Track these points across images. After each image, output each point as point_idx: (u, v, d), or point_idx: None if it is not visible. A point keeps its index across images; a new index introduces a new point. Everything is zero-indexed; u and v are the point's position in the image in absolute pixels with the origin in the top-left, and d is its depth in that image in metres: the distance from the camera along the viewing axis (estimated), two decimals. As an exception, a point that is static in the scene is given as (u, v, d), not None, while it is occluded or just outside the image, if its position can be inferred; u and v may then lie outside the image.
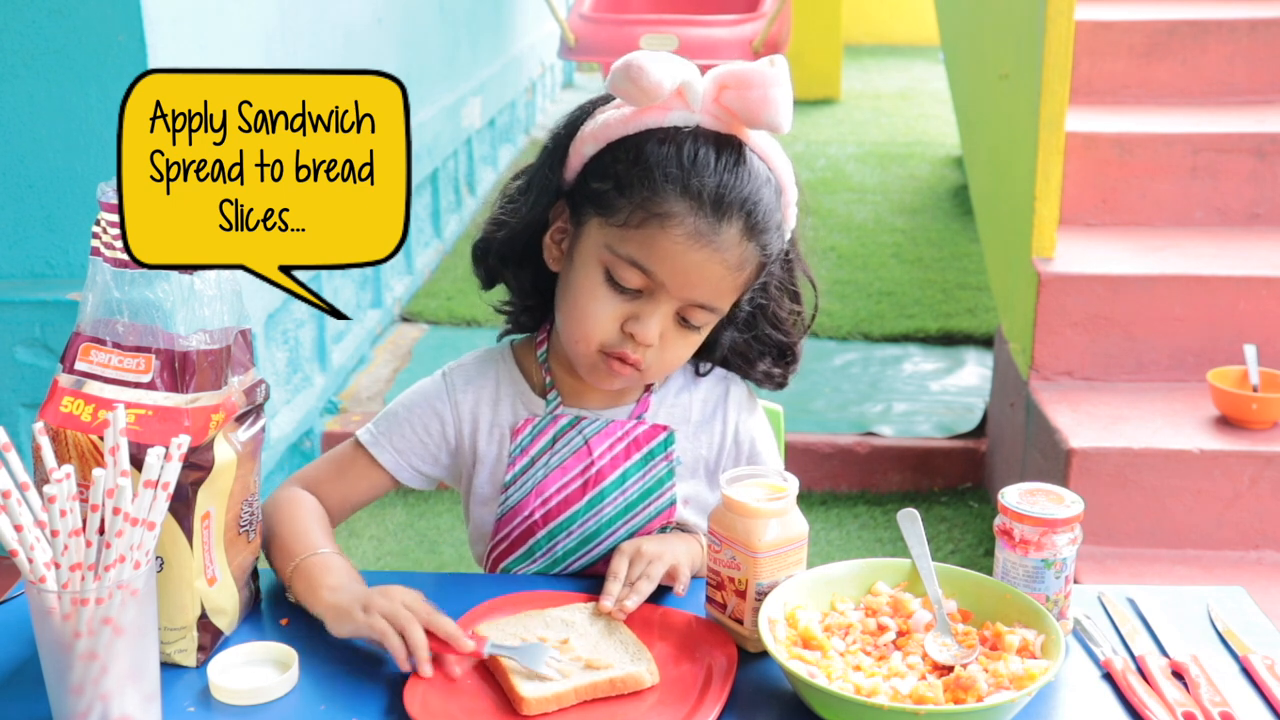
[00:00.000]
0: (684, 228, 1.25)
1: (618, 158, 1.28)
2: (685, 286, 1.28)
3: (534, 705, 1.11)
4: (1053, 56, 2.74)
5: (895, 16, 10.35)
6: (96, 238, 1.13)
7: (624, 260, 1.27)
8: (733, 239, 1.26)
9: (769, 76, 1.23)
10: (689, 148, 1.26)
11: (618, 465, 1.40)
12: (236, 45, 2.79)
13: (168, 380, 1.13)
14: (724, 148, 1.27)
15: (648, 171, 1.26)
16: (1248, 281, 2.82)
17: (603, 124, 1.30)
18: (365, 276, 4.08)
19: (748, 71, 1.24)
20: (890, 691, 1.09)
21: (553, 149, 1.36)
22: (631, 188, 1.26)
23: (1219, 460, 2.58)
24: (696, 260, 1.26)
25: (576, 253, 1.32)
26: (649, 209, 1.25)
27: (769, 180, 1.30)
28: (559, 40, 6.02)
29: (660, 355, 1.32)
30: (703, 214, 1.25)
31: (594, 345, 1.31)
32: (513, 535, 1.41)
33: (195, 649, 1.19)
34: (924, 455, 3.41)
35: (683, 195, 1.25)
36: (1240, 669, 1.21)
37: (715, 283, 1.28)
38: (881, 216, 5.45)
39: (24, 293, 2.50)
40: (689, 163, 1.25)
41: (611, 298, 1.29)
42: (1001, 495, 1.24)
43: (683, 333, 1.32)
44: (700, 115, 1.27)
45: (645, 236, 1.26)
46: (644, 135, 1.28)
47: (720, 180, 1.25)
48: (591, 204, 1.30)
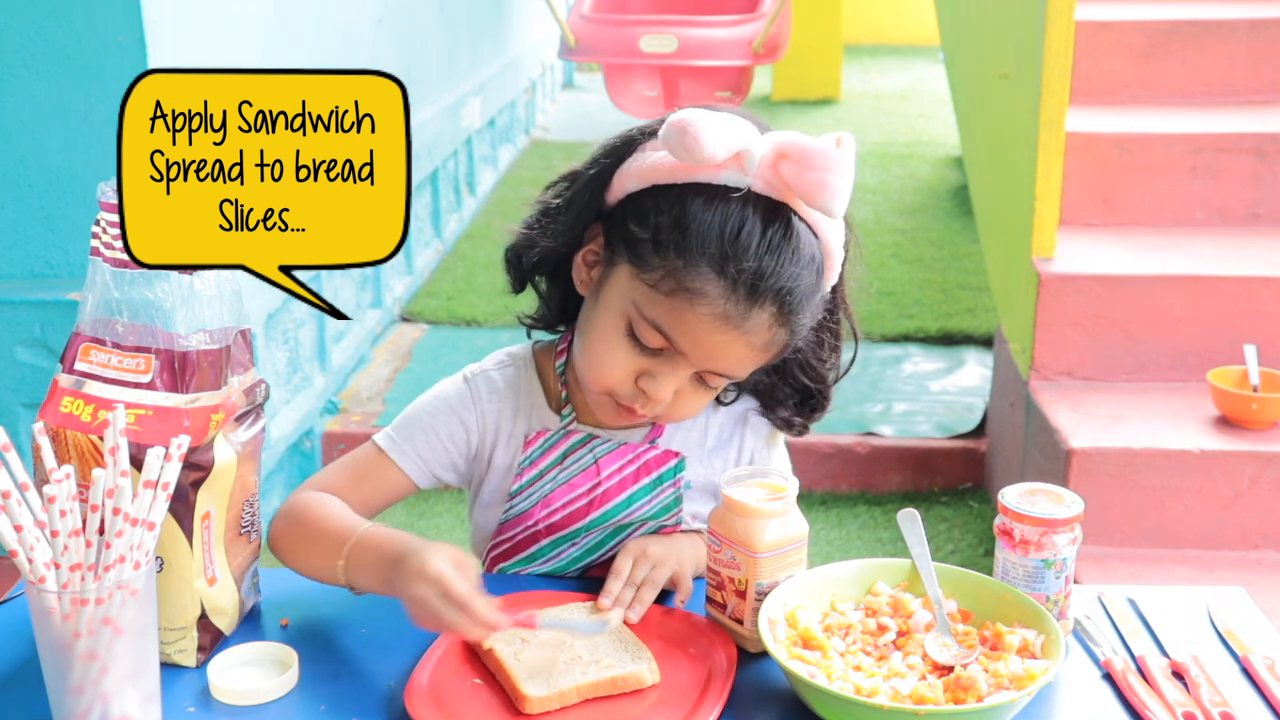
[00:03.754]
0: (713, 309, 1.19)
1: (660, 206, 1.22)
2: (706, 360, 1.24)
3: (536, 704, 1.11)
4: (1053, 56, 2.74)
5: (895, 16, 10.35)
6: (96, 238, 1.13)
7: (647, 322, 1.22)
8: (763, 324, 1.21)
9: (832, 160, 1.16)
10: (735, 220, 1.19)
11: (625, 487, 1.38)
12: (236, 45, 2.79)
13: (167, 380, 1.13)
14: (771, 221, 1.19)
15: (687, 239, 1.19)
16: (1248, 281, 2.82)
17: (651, 165, 1.23)
18: (365, 276, 4.08)
19: (810, 150, 1.16)
20: (890, 692, 1.09)
21: (597, 172, 1.29)
22: (667, 249, 1.20)
23: (1219, 460, 2.58)
24: (722, 340, 1.21)
25: (603, 292, 1.28)
26: (680, 280, 1.20)
27: (813, 259, 1.22)
28: (559, 40, 6.02)
29: (671, 409, 1.29)
30: (735, 298, 1.19)
31: (604, 390, 1.28)
32: (515, 539, 1.41)
33: (195, 649, 1.19)
34: (924, 455, 3.41)
35: (718, 275, 1.19)
36: (1240, 669, 1.21)
37: (738, 360, 1.24)
38: (881, 216, 5.45)
39: (24, 293, 2.50)
40: (730, 238, 1.18)
41: (629, 351, 1.25)
42: (1001, 495, 1.24)
43: (698, 390, 1.29)
44: (754, 179, 1.19)
45: (673, 306, 1.21)
46: (691, 189, 1.21)
47: (759, 265, 1.18)
48: (626, 247, 1.25)
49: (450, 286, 4.61)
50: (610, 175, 1.28)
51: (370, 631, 1.25)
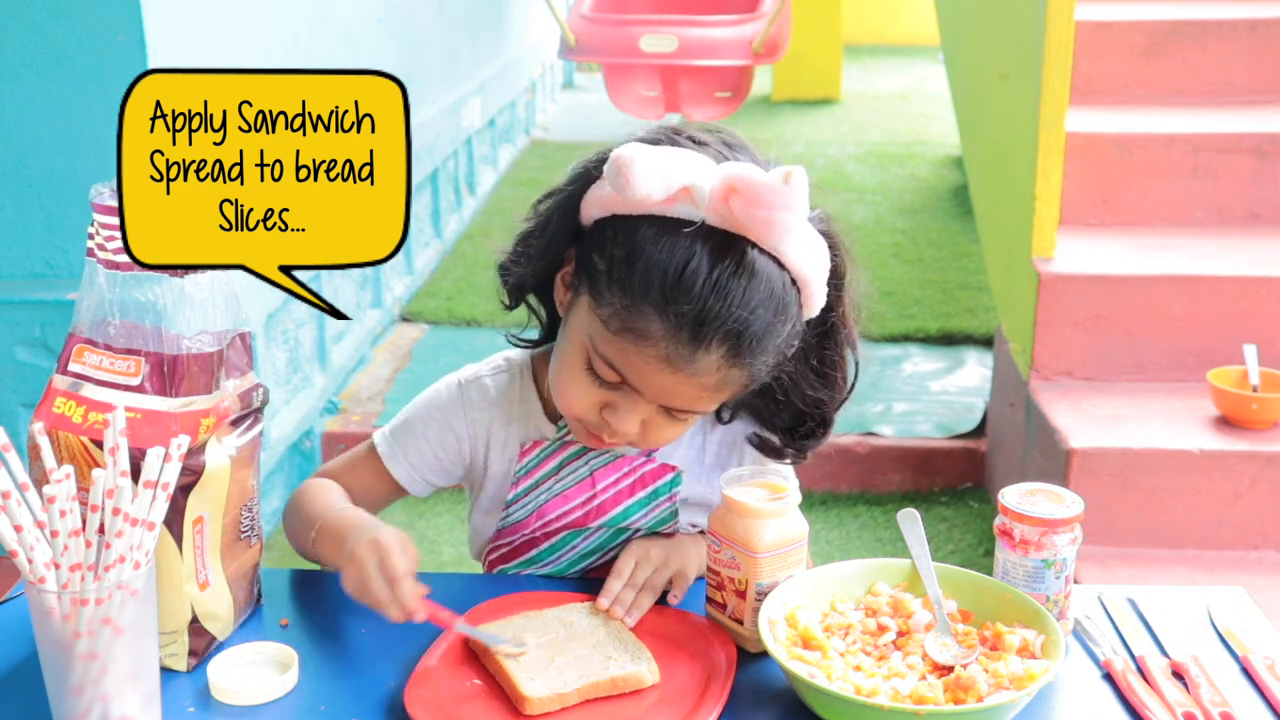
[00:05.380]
0: (657, 350, 1.15)
1: (616, 237, 1.18)
2: (660, 398, 1.21)
3: (536, 705, 1.11)
4: (1053, 56, 2.74)
5: (895, 16, 10.35)
6: (91, 238, 1.12)
7: (601, 358, 1.20)
8: (710, 366, 1.16)
9: (779, 197, 1.11)
10: (680, 256, 1.13)
11: (620, 501, 1.37)
12: (236, 45, 2.79)
13: (156, 384, 1.12)
14: (721, 258, 1.14)
15: (633, 277, 1.15)
16: (1248, 281, 2.82)
17: (609, 195, 1.18)
18: (365, 276, 4.08)
19: (758, 186, 1.11)
20: (890, 692, 1.09)
21: (570, 194, 1.25)
22: (617, 285, 1.16)
23: (1219, 460, 2.58)
24: (669, 381, 1.18)
25: (569, 320, 1.25)
26: (624, 321, 1.16)
27: (771, 295, 1.16)
28: (559, 40, 6.02)
29: (646, 437, 1.26)
30: (678, 341, 1.14)
31: (573, 418, 1.27)
32: (513, 544, 1.41)
33: (186, 654, 1.18)
34: (924, 455, 3.41)
35: (660, 318, 1.14)
36: (1240, 669, 1.21)
37: (692, 399, 1.21)
38: (881, 216, 5.45)
39: (24, 293, 2.50)
40: (674, 279, 1.13)
41: (589, 383, 1.22)
42: (1001, 495, 1.24)
43: (669, 420, 1.25)
44: (706, 213, 1.14)
45: (620, 345, 1.17)
46: (645, 222, 1.16)
47: (703, 307, 1.13)
48: (588, 276, 1.21)
49: (450, 286, 4.61)
50: (580, 197, 1.24)
51: (370, 631, 1.25)
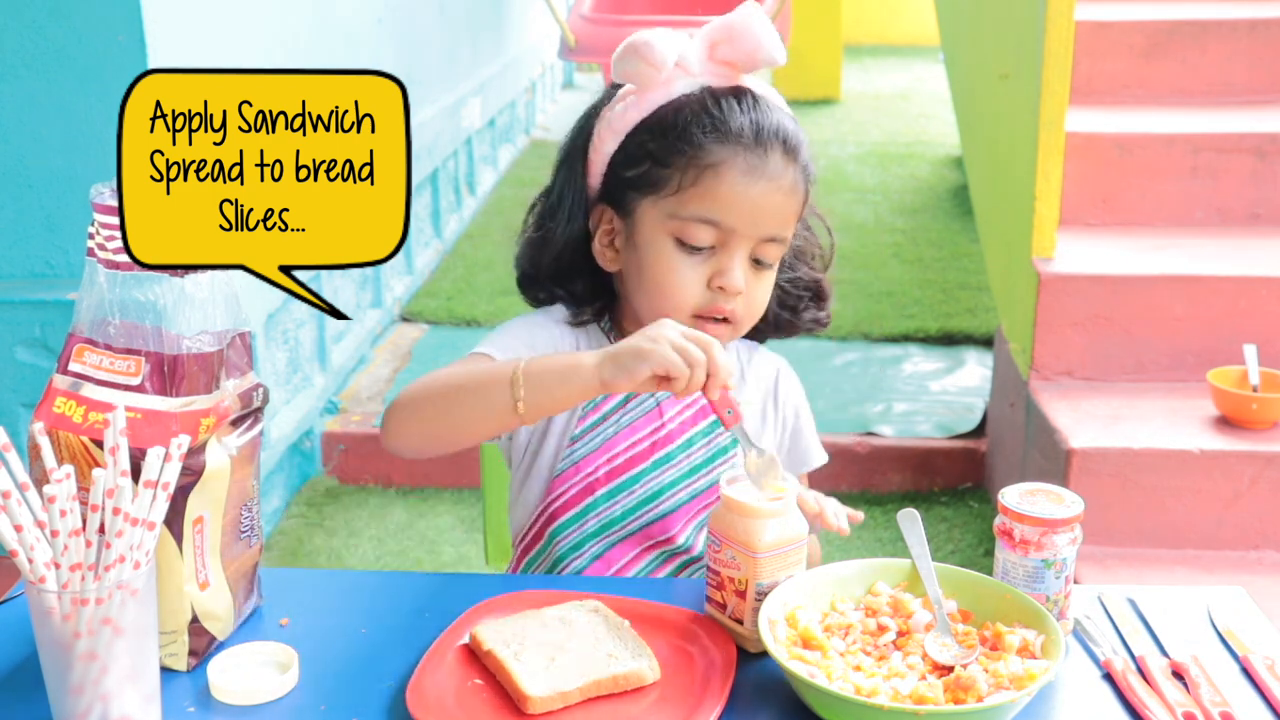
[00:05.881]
0: (737, 168, 1.31)
1: (642, 141, 1.34)
2: (755, 224, 1.33)
3: (538, 704, 1.11)
4: (1053, 56, 2.74)
5: (895, 16, 10.35)
6: (91, 238, 1.12)
7: (691, 220, 1.32)
8: (779, 164, 1.33)
9: (753, 20, 1.31)
10: (709, 103, 1.32)
11: (685, 429, 1.43)
12: (236, 45, 2.79)
13: (156, 384, 1.12)
14: (738, 94, 1.34)
15: (682, 135, 1.32)
16: (1248, 281, 2.82)
17: (616, 118, 1.36)
18: (365, 276, 4.08)
19: (732, 21, 1.32)
20: (890, 692, 1.09)
21: (570, 159, 1.39)
22: (671, 154, 1.32)
23: (1219, 460, 2.58)
24: (757, 194, 1.32)
25: (639, 239, 1.36)
26: (698, 164, 1.31)
27: (784, 110, 1.37)
28: (559, 40, 6.02)
29: (747, 301, 1.37)
30: (748, 150, 1.32)
31: (687, 314, 1.35)
32: (570, 493, 1.41)
33: (186, 653, 1.18)
34: (924, 455, 3.41)
35: (724, 140, 1.31)
36: (1240, 669, 1.21)
37: (778, 210, 1.34)
38: (881, 216, 5.45)
39: (24, 293, 2.50)
40: (717, 113, 1.32)
41: (689, 261, 1.34)
42: (1001, 495, 1.24)
43: (759, 274, 1.37)
44: (702, 78, 1.34)
45: (704, 190, 1.31)
46: (660, 111, 1.34)
47: (751, 118, 1.32)
48: (635, 189, 1.35)
49: (450, 286, 4.61)
50: (584, 157, 1.38)
51: (370, 631, 1.25)
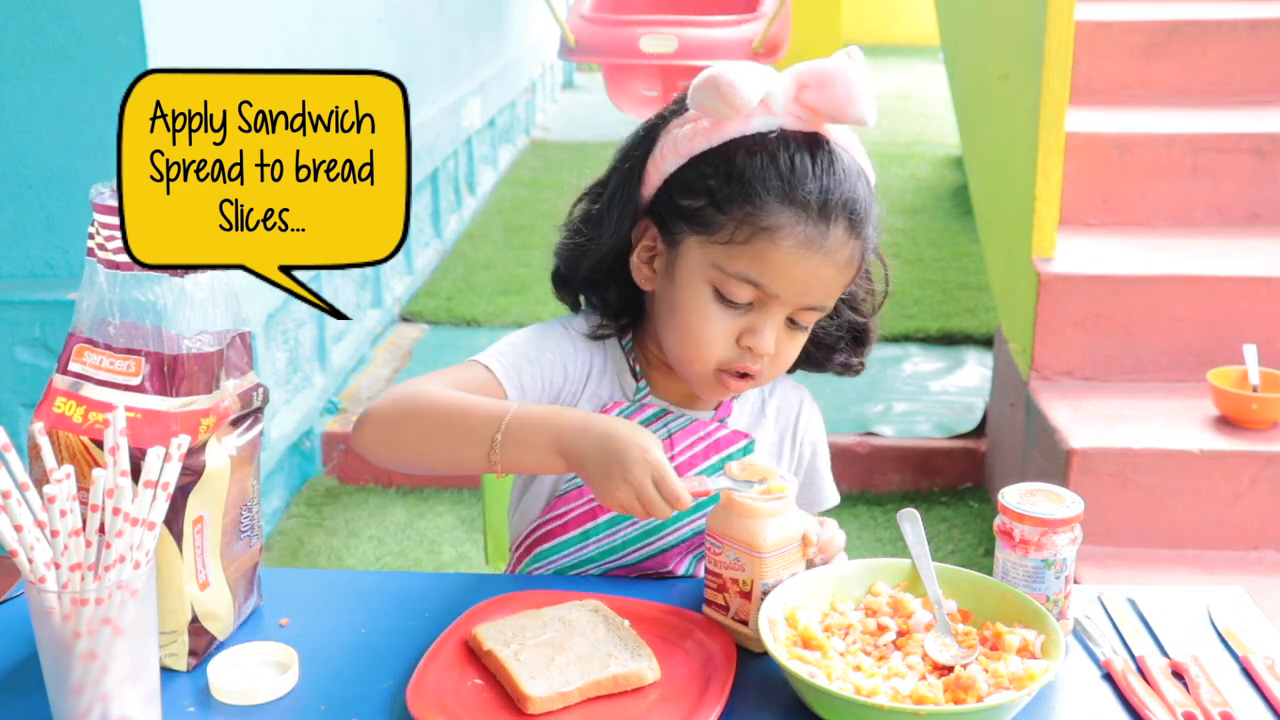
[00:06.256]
0: (794, 238, 1.24)
1: (705, 173, 1.27)
2: (799, 294, 1.28)
3: (539, 704, 1.11)
4: (1053, 56, 2.75)
5: (895, 16, 10.36)
6: (91, 238, 1.12)
7: (734, 277, 1.26)
8: (840, 240, 1.27)
9: (851, 72, 1.22)
10: (783, 156, 1.25)
11: (695, 464, 1.39)
12: (236, 45, 2.79)
13: (156, 384, 1.12)
14: (815, 149, 1.26)
15: (747, 185, 1.24)
16: (1248, 281, 2.82)
17: (683, 138, 1.28)
18: (365, 276, 4.08)
19: (828, 69, 1.22)
20: (890, 692, 1.09)
21: (628, 168, 1.33)
22: (731, 203, 1.25)
23: (1219, 460, 2.58)
24: (809, 268, 1.26)
25: (678, 273, 1.30)
26: (755, 223, 1.24)
27: (860, 173, 1.30)
28: (559, 40, 6.02)
29: (774, 361, 1.32)
30: (810, 221, 1.24)
31: (711, 365, 1.31)
32: (570, 515, 1.39)
33: (186, 653, 1.18)
34: (924, 455, 3.41)
35: (788, 205, 1.24)
36: (1240, 669, 1.21)
37: (827, 285, 1.29)
38: (881, 216, 5.44)
39: (24, 293, 2.50)
40: (787, 171, 1.24)
41: (723, 314, 1.28)
42: (1001, 495, 1.24)
43: (792, 334, 1.32)
44: (782, 117, 1.26)
45: (755, 252, 1.25)
46: (730, 146, 1.26)
47: (822, 184, 1.25)
48: (685, 222, 1.28)
49: (450, 286, 4.61)
50: (642, 168, 1.31)
51: (370, 631, 1.25)
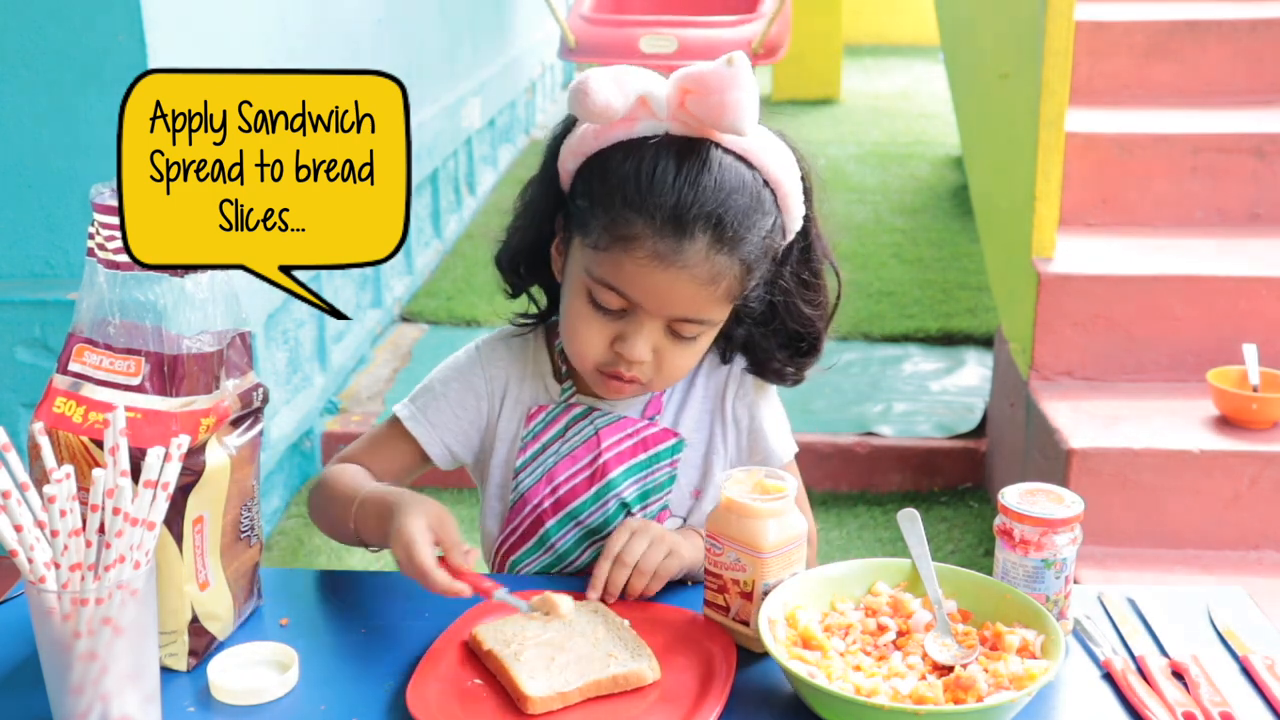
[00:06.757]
0: (645, 249, 1.22)
1: (592, 174, 1.27)
2: (661, 305, 1.26)
3: (538, 704, 1.11)
4: (1053, 56, 2.74)
5: (895, 16, 10.35)
6: (91, 238, 1.12)
7: (599, 283, 1.26)
8: (698, 254, 1.23)
9: (726, 79, 1.17)
10: (648, 163, 1.22)
11: (624, 461, 1.40)
12: (236, 45, 2.79)
13: (156, 384, 1.12)
14: (687, 157, 1.22)
15: (610, 192, 1.24)
16: (1248, 281, 2.82)
17: (579, 138, 1.28)
18: (365, 276, 4.08)
19: (705, 75, 1.19)
20: (890, 692, 1.09)
21: (547, 160, 1.35)
22: (600, 209, 1.25)
23: (1219, 460, 2.58)
24: (665, 281, 1.23)
25: (567, 271, 1.33)
26: (612, 232, 1.24)
27: (743, 185, 1.24)
28: (559, 41, 6.02)
29: (659, 369, 1.31)
30: (663, 234, 1.22)
31: (589, 365, 1.32)
32: (522, 526, 1.42)
33: (186, 653, 1.18)
34: (924, 455, 3.41)
35: (639, 215, 1.22)
36: (1240, 669, 1.21)
37: (690, 299, 1.25)
38: (881, 216, 5.45)
39: (24, 293, 2.50)
40: (646, 180, 1.22)
41: (597, 319, 1.28)
42: (1001, 495, 1.24)
43: (678, 344, 1.30)
44: (668, 123, 1.23)
45: (613, 260, 1.25)
46: (612, 149, 1.25)
47: (678, 198, 1.21)
48: (575, 222, 1.30)
49: (450, 286, 4.61)
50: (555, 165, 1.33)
51: (370, 631, 1.25)
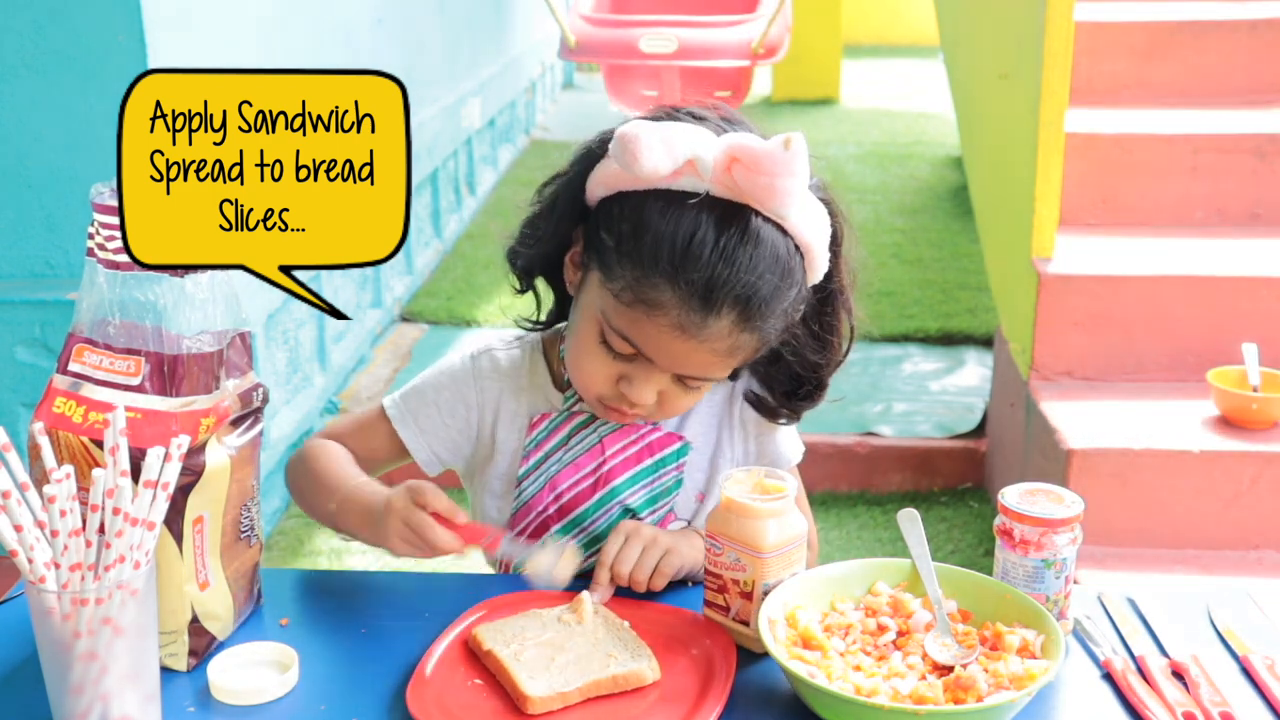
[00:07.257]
0: (669, 319, 1.20)
1: (623, 213, 1.23)
2: (674, 366, 1.26)
3: (538, 704, 1.11)
4: (1053, 56, 2.74)
5: (895, 16, 10.36)
6: (91, 238, 1.12)
7: (614, 331, 1.25)
8: (721, 331, 1.21)
9: (780, 164, 1.14)
10: (687, 227, 1.18)
11: (629, 467, 1.40)
12: (236, 45, 2.79)
13: (156, 384, 1.12)
14: (727, 226, 1.18)
15: (641, 250, 1.20)
16: (1248, 281, 2.82)
17: (615, 172, 1.23)
18: (365, 276, 4.08)
19: (760, 153, 1.15)
20: (890, 692, 1.09)
21: (574, 175, 1.31)
22: (627, 259, 1.21)
23: (1219, 460, 2.58)
24: (682, 349, 1.23)
25: (581, 297, 1.31)
26: (637, 292, 1.21)
27: (777, 260, 1.21)
28: (559, 41, 6.02)
29: (662, 406, 1.31)
30: (690, 308, 1.19)
31: (592, 396, 1.32)
32: (527, 532, 1.42)
33: (186, 653, 1.18)
34: (924, 455, 3.41)
35: (671, 287, 1.19)
36: (1240, 669, 1.21)
37: (703, 364, 1.25)
38: (881, 216, 5.45)
39: (24, 293, 2.50)
40: (683, 247, 1.18)
41: (605, 357, 1.27)
42: (1001, 495, 1.24)
43: (683, 390, 1.30)
44: (710, 184, 1.19)
45: (634, 317, 1.23)
46: (650, 196, 1.21)
47: (713, 274, 1.18)
48: (596, 253, 1.26)
49: (450, 286, 4.61)
50: (586, 177, 1.29)
51: (370, 631, 1.25)
